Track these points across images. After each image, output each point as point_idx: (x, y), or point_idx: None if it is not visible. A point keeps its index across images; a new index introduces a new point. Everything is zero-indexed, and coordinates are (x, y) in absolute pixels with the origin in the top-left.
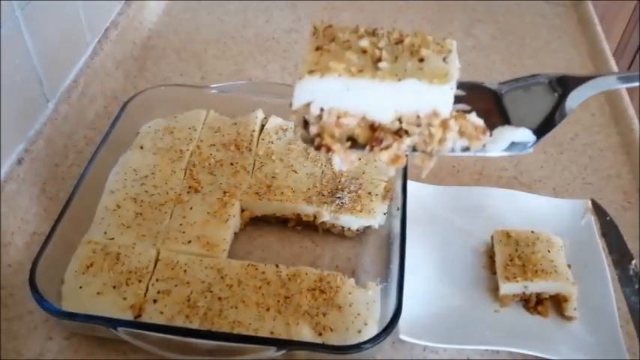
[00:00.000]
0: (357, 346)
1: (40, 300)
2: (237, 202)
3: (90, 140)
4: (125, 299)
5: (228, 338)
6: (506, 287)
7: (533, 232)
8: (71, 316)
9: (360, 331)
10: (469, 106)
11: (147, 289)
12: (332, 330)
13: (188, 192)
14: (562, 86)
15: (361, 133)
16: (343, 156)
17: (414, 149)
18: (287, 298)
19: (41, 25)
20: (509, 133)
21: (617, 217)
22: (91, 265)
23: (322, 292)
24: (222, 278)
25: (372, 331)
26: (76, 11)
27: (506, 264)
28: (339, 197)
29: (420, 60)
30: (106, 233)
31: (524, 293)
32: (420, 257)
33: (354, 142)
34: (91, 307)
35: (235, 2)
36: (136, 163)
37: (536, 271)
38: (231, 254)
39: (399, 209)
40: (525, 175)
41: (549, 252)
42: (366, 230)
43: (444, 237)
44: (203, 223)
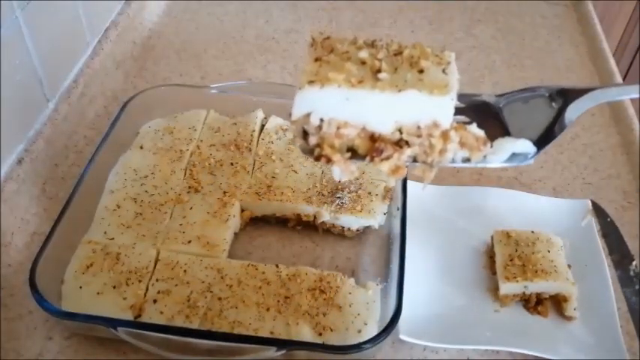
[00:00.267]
0: (357, 346)
1: (40, 300)
2: (237, 202)
3: (90, 140)
4: (125, 299)
5: (228, 338)
6: (506, 287)
7: (533, 232)
8: (71, 316)
9: (360, 331)
10: (468, 118)
11: (147, 289)
12: (332, 330)
13: (188, 192)
14: (561, 98)
15: (361, 144)
16: (343, 167)
17: (415, 160)
18: (287, 298)
19: (41, 25)
20: (509, 144)
21: (617, 217)
22: (91, 265)
23: (322, 292)
24: (222, 278)
25: (372, 331)
26: (76, 11)
27: (506, 264)
28: (339, 197)
29: (419, 71)
30: (106, 233)
31: (524, 293)
32: (420, 257)
33: (354, 153)
34: (91, 307)
35: (235, 2)
36: (136, 163)
37: (536, 271)
38: (231, 254)
39: (399, 209)
40: (525, 175)
41: (549, 252)
42: (366, 230)
43: (444, 237)
44: (203, 223)
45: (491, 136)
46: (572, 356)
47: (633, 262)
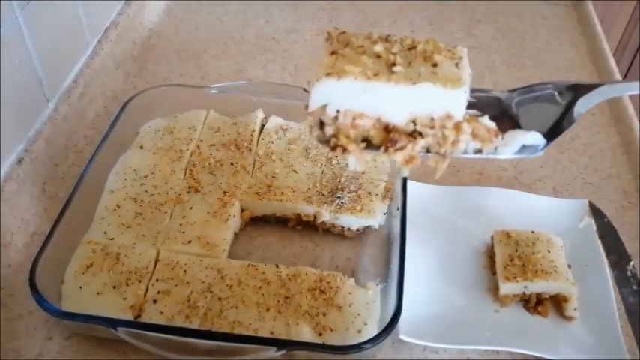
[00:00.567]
0: (357, 346)
1: (40, 300)
2: (237, 202)
3: (90, 140)
4: (125, 299)
5: (228, 338)
6: (506, 287)
7: (533, 232)
8: (71, 316)
9: (360, 331)
10: (480, 111)
11: (147, 289)
12: (332, 330)
13: (188, 192)
14: (570, 93)
15: (376, 135)
16: (358, 156)
17: (428, 151)
18: (287, 298)
19: (41, 25)
20: (520, 136)
21: (617, 217)
22: (91, 265)
23: (322, 292)
24: (222, 278)
25: (372, 331)
26: (76, 11)
27: (506, 264)
28: (339, 197)
29: (433, 65)
30: (106, 233)
31: (524, 293)
32: (420, 257)
33: (369, 143)
34: (91, 307)
35: (235, 2)
36: (136, 163)
37: (536, 271)
38: (231, 254)
39: (399, 209)
40: (525, 175)
41: (549, 252)
42: (366, 230)
43: (444, 237)
44: (203, 223)
45: (503, 130)
46: (572, 356)
47: (630, 263)
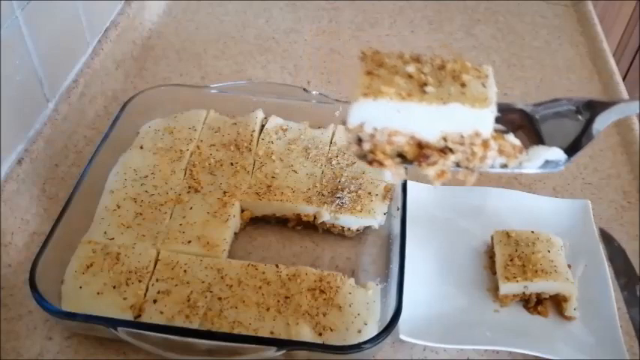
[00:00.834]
0: (357, 346)
1: (40, 300)
2: (237, 202)
3: (90, 140)
4: (125, 299)
5: (228, 338)
6: (506, 287)
7: (533, 232)
8: (71, 316)
9: (360, 331)
10: (505, 126)
11: (147, 289)
12: (332, 330)
13: (188, 192)
14: (589, 110)
15: (410, 150)
16: (394, 170)
17: (458, 165)
18: (287, 298)
19: (41, 25)
20: (543, 152)
21: (617, 217)
22: (90, 265)
23: (322, 292)
24: (222, 278)
25: (372, 331)
26: (76, 11)
27: (506, 264)
28: (339, 197)
29: (462, 85)
30: (105, 233)
31: (524, 293)
32: (419, 257)
33: (403, 158)
34: (91, 307)
35: (235, 2)
36: (136, 163)
37: (536, 271)
38: (231, 254)
39: (399, 209)
40: (525, 175)
41: (549, 252)
42: (366, 230)
43: (444, 237)
44: (203, 223)
45: (527, 143)
46: (572, 356)
47: None
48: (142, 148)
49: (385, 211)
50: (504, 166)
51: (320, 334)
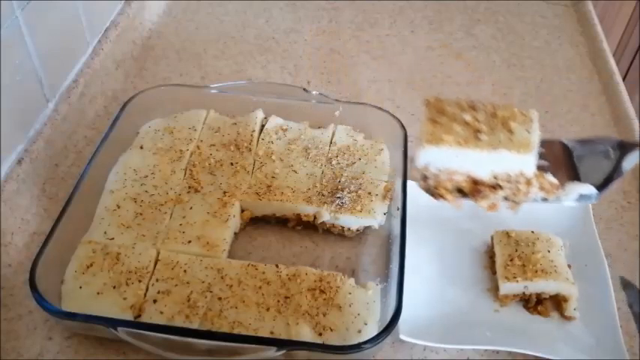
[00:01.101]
0: (357, 346)
1: (40, 300)
2: (237, 202)
3: (90, 140)
4: (125, 299)
5: (228, 338)
6: (506, 287)
7: (533, 232)
8: (71, 316)
9: (360, 331)
10: (549, 159)
11: (147, 289)
12: (332, 330)
13: (188, 192)
14: (620, 150)
15: (467, 186)
16: (453, 203)
17: (506, 198)
18: (287, 298)
19: (41, 25)
20: (578, 188)
21: (617, 217)
22: (90, 265)
23: (322, 292)
24: (222, 278)
25: (372, 331)
26: (76, 11)
27: (506, 264)
28: (339, 197)
29: (509, 131)
30: (105, 233)
31: (524, 293)
32: (419, 257)
33: (461, 192)
34: (91, 307)
35: (235, 2)
36: (136, 163)
37: (536, 271)
38: (231, 254)
39: (399, 209)
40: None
41: (549, 252)
42: (366, 230)
43: (444, 237)
44: (203, 223)
45: (565, 178)
46: (572, 356)
47: None
48: (141, 148)
49: (385, 211)
50: (545, 199)
51: (320, 334)
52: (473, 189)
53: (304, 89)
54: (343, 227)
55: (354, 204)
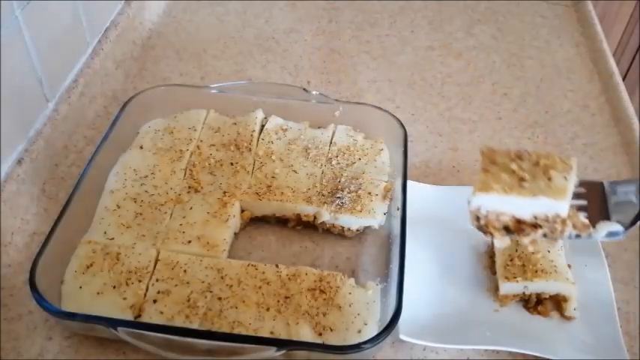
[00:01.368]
0: (357, 346)
1: (40, 300)
2: (237, 202)
3: (90, 140)
4: (125, 299)
5: (228, 338)
6: (506, 287)
7: None
8: (71, 316)
9: (360, 331)
10: (587, 196)
11: (147, 289)
12: (332, 330)
13: (188, 192)
14: None
15: (512, 224)
16: (501, 239)
17: (545, 235)
18: (287, 298)
19: (41, 25)
20: (607, 226)
21: None
22: (90, 265)
23: (322, 292)
24: (222, 278)
25: (372, 331)
26: (76, 11)
27: (506, 264)
28: (339, 197)
29: (549, 179)
30: (105, 233)
31: (524, 293)
32: (420, 257)
33: (508, 230)
34: (91, 307)
35: (235, 2)
36: (136, 163)
37: (536, 271)
38: (231, 254)
39: (399, 209)
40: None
41: (549, 252)
42: (366, 230)
43: (444, 237)
44: (203, 223)
45: (599, 214)
46: (572, 356)
47: None
48: (141, 148)
49: (385, 211)
50: (578, 236)
51: (320, 334)
52: (517, 227)
53: (304, 89)
54: (343, 227)
55: (354, 204)
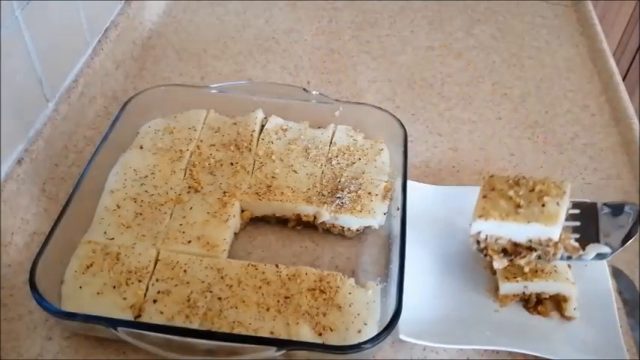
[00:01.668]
0: (357, 346)
1: (40, 300)
2: (237, 202)
3: (90, 140)
4: (125, 299)
5: (228, 338)
6: (506, 287)
7: None
8: (71, 316)
9: (359, 331)
10: (582, 218)
11: (147, 289)
12: (332, 330)
13: (188, 192)
14: (636, 214)
15: (509, 247)
16: (499, 261)
17: (539, 257)
18: (287, 298)
19: (41, 25)
20: (595, 248)
21: None
22: (90, 265)
23: (322, 292)
24: (222, 278)
25: (372, 331)
26: (76, 11)
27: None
28: (339, 197)
29: (542, 205)
30: (105, 233)
31: (524, 293)
32: (420, 257)
33: (505, 252)
34: (91, 307)
35: (235, 2)
36: (136, 163)
37: (536, 271)
38: (231, 254)
39: (399, 209)
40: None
41: None
42: (366, 230)
43: (444, 237)
44: (203, 223)
45: (589, 235)
46: (572, 356)
47: None
48: (141, 148)
49: (385, 211)
50: (569, 257)
51: (320, 334)
52: (514, 250)
53: (304, 89)
54: (343, 227)
55: (354, 204)
